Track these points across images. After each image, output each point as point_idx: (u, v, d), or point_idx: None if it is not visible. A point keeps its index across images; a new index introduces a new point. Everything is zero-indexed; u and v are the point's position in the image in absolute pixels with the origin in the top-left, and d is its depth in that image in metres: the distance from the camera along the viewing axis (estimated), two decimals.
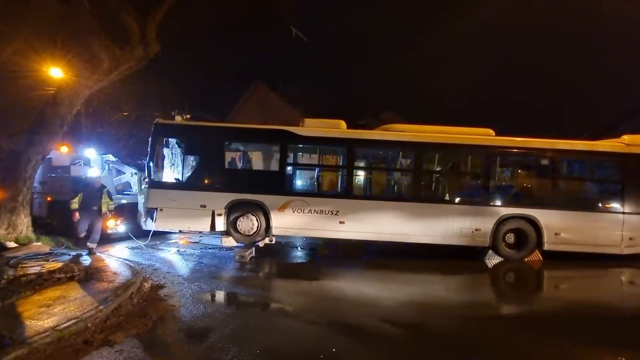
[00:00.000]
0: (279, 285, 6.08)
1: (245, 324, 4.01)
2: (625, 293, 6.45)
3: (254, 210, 7.62)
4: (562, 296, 6.21)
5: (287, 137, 7.80)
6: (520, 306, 5.47)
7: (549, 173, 8.03)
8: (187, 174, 7.89)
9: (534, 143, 7.89)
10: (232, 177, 8.23)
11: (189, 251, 7.78)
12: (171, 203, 7.51)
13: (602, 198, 7.90)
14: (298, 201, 7.61)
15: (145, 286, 5.05)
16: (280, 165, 7.88)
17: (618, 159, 7.81)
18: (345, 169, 8.12)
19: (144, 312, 4.20)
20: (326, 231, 7.72)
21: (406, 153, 8.44)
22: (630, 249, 7.54)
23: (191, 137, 7.93)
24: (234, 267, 6.56)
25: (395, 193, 8.84)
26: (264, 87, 20.53)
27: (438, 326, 4.27)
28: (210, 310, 4.36)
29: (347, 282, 6.06)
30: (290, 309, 4.63)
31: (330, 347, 3.48)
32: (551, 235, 7.48)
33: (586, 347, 3.64)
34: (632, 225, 7.53)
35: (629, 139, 7.88)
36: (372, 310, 4.60)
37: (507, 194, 8.01)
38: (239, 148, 9.19)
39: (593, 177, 8.53)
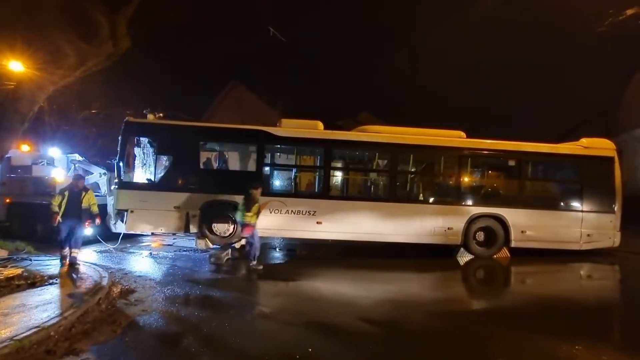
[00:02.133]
0: (256, 286, 6.01)
1: (221, 326, 3.94)
2: (584, 286, 6.88)
3: (230, 211, 7.50)
4: (527, 290, 6.54)
5: (264, 137, 7.74)
6: (489, 301, 5.73)
7: (515, 174, 8.45)
8: (159, 175, 7.64)
9: (502, 145, 8.28)
10: (208, 178, 8.06)
11: (161, 254, 7.54)
12: (143, 204, 7.25)
13: (564, 197, 8.40)
14: (275, 202, 7.56)
15: (114, 291, 4.85)
16: (257, 166, 7.81)
17: (577, 160, 8.34)
18: (322, 170, 8.17)
19: (112, 318, 4.03)
20: (304, 231, 7.72)
21: (382, 154, 8.61)
22: (588, 244, 8.07)
23: (164, 136, 7.69)
24: (209, 270, 6.43)
25: (372, 193, 8.99)
26: (241, 86, 20.27)
27: (412, 323, 4.38)
28: (183, 314, 4.25)
29: (324, 282, 6.09)
30: (267, 310, 4.59)
31: (306, 347, 3.49)
32: (518, 233, 7.87)
33: (548, 337, 3.85)
34: (589, 223, 8.06)
35: (587, 142, 8.43)
36: (348, 310, 4.65)
37: (478, 194, 8.35)
38: (215, 148, 9.02)
39: (555, 178, 9.07)
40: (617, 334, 4.63)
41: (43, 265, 5.77)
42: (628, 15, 9.65)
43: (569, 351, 3.54)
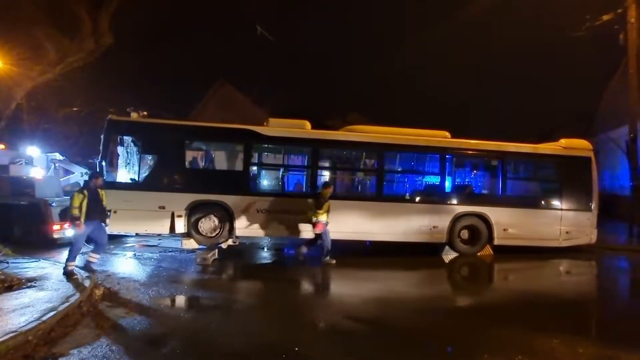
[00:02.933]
0: (243, 286, 5.98)
1: (207, 327, 3.91)
2: (563, 282, 7.11)
3: (217, 211, 7.43)
4: (509, 287, 6.71)
5: (252, 136, 7.70)
6: (473, 298, 5.86)
7: (498, 173, 8.66)
8: (144, 174, 7.50)
9: (485, 145, 8.47)
10: (194, 177, 7.97)
11: (146, 255, 7.40)
12: (126, 204, 7.10)
13: (544, 196, 8.66)
14: (262, 201, 7.53)
15: (96, 293, 4.74)
16: (244, 165, 7.76)
17: (556, 160, 8.62)
18: (310, 169, 8.18)
19: (94, 321, 3.94)
20: (291, 231, 7.70)
21: (368, 154, 8.69)
22: (567, 241, 8.35)
23: (149, 135, 7.55)
24: (196, 270, 6.35)
25: (359, 193, 9.05)
26: (228, 85, 20.06)
27: (398, 320, 4.45)
28: (168, 316, 4.20)
29: (311, 281, 6.12)
30: (254, 310, 4.58)
31: (293, 346, 3.50)
32: (500, 231, 8.07)
33: (527, 332, 3.98)
34: (568, 221, 8.34)
35: (566, 142, 8.72)
36: (335, 308, 4.69)
37: (462, 193, 8.52)
38: (201, 147, 8.92)
39: (536, 177, 9.32)
40: (593, 328, 4.81)
41: (21, 268, 5.58)
42: (604, 21, 10.04)
43: (546, 344, 3.67)
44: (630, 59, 9.81)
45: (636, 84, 9.81)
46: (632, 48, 9.71)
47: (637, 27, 9.61)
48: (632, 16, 9.62)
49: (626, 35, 9.76)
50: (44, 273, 5.35)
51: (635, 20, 9.61)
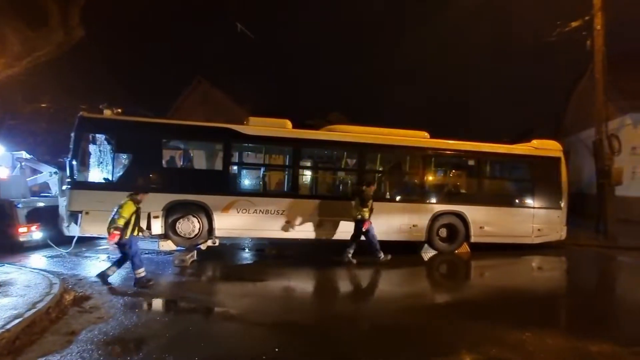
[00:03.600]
0: (223, 288, 5.88)
1: (185, 331, 3.81)
2: (535, 277, 7.41)
3: (195, 211, 7.26)
4: (485, 283, 6.93)
5: (231, 135, 7.57)
6: (450, 294, 6.01)
7: (474, 172, 8.92)
8: (118, 174, 7.22)
9: (462, 145, 8.70)
10: (171, 177, 7.74)
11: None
12: (99, 205, 6.80)
13: (517, 195, 8.99)
14: (243, 201, 7.43)
15: (66, 299, 4.52)
16: (224, 165, 7.62)
17: (529, 160, 8.97)
18: (291, 169, 8.14)
19: (65, 327, 3.76)
20: (272, 231, 7.65)
21: (349, 153, 8.74)
22: (539, 238, 8.72)
23: (123, 133, 7.27)
24: (174, 272, 6.19)
25: (340, 192, 9.08)
26: (207, 83, 19.65)
27: (379, 318, 4.50)
28: (144, 320, 4.06)
29: (293, 282, 6.08)
30: (234, 312, 4.50)
31: (273, 347, 3.47)
32: (477, 228, 8.31)
33: (501, 326, 4.11)
34: (540, 218, 8.70)
35: (538, 143, 9.09)
36: (317, 308, 4.70)
37: (440, 192, 8.71)
38: (179, 146, 8.70)
39: (510, 176, 9.67)
40: (562, 321, 5.04)
41: None
42: (573, 27, 10.53)
43: (518, 337, 3.81)
44: (596, 65, 10.33)
45: (602, 89, 10.34)
46: (598, 54, 10.22)
47: (603, 34, 10.13)
48: (598, 24, 10.13)
49: (593, 41, 10.27)
50: (8, 278, 5.05)
51: (600, 28, 10.12)
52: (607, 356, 3.47)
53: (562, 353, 3.56)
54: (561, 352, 3.57)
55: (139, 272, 5.26)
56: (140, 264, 5.30)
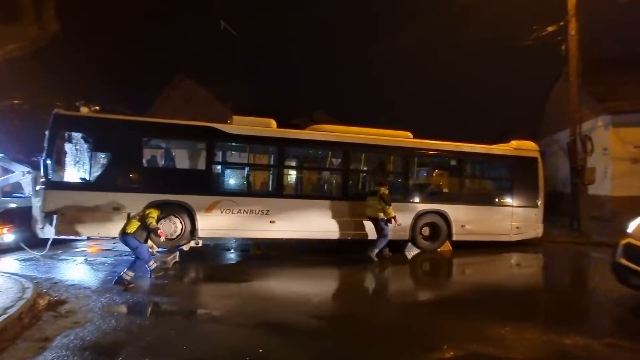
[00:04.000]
0: (206, 289, 5.79)
1: (166, 334, 3.72)
2: (514, 274, 7.64)
3: (178, 211, 7.12)
4: (466, 280, 7.10)
5: (214, 134, 7.46)
6: (433, 291, 6.12)
7: (456, 172, 9.13)
8: (96, 173, 6.98)
9: (444, 145, 8.89)
10: (152, 177, 7.55)
11: (99, 260, 6.93)
12: (75, 206, 6.59)
13: (497, 194, 9.25)
14: (226, 201, 7.33)
15: (40, 303, 4.34)
16: (207, 164, 7.51)
17: (508, 160, 9.25)
18: (275, 168, 8.11)
19: (38, 333, 3.61)
20: (257, 231, 7.59)
21: (333, 153, 8.77)
22: (517, 236, 9.01)
23: (101, 131, 7.04)
24: (155, 274, 6.03)
25: (325, 191, 9.11)
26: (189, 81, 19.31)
27: (363, 316, 4.53)
28: (123, 324, 3.94)
29: (277, 282, 6.05)
30: (217, 313, 4.44)
31: (257, 348, 3.43)
32: (458, 227, 8.51)
33: (482, 321, 4.22)
34: (518, 217, 8.99)
35: (516, 144, 9.39)
36: (301, 308, 4.66)
37: (423, 191, 8.87)
38: (160, 145, 8.49)
39: (490, 176, 9.94)
40: (539, 315, 5.21)
41: None
42: (549, 32, 10.92)
43: (498, 332, 3.92)
44: (570, 68, 10.75)
45: (576, 91, 10.78)
46: (573, 58, 10.64)
47: (577, 39, 10.55)
48: (572, 29, 10.54)
49: (567, 46, 10.68)
50: None
51: (575, 33, 10.53)
52: (580, 348, 3.62)
53: (539, 346, 3.69)
54: (538, 346, 3.70)
55: (129, 273, 5.25)
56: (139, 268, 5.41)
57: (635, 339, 3.87)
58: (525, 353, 3.51)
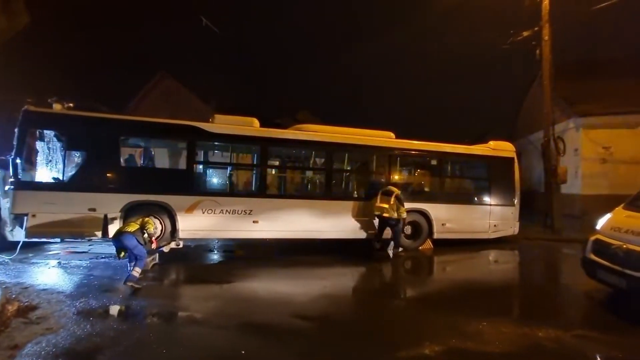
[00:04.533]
0: (187, 292, 5.67)
1: (144, 338, 3.63)
2: (492, 270, 7.89)
3: (157, 212, 6.94)
4: (447, 277, 7.28)
5: (195, 133, 7.32)
6: (415, 289, 6.24)
7: (436, 171, 9.33)
8: (70, 173, 6.72)
9: (425, 146, 9.07)
10: (131, 176, 7.33)
11: (74, 263, 6.65)
12: (48, 207, 6.31)
13: (476, 193, 9.53)
14: (208, 201, 7.21)
15: (9, 309, 4.13)
16: (188, 164, 7.36)
17: (486, 160, 9.54)
18: (258, 168, 8.04)
19: (6, 341, 3.43)
20: (239, 231, 7.51)
21: (317, 152, 8.79)
22: (495, 233, 9.31)
23: (76, 129, 6.77)
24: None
25: (308, 191, 9.11)
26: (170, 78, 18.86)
27: (346, 315, 4.57)
28: (99, 329, 3.81)
29: (260, 282, 6.00)
30: (199, 315, 4.36)
31: (239, 349, 3.40)
32: (439, 225, 8.70)
33: (460, 317, 4.33)
34: (496, 215, 9.30)
35: (494, 144, 9.70)
36: (284, 308, 4.65)
37: (405, 190, 9.00)
38: (139, 144, 8.26)
39: (469, 175, 10.22)
40: (515, 310, 5.41)
41: None
42: (524, 37, 11.34)
43: (476, 327, 4.05)
44: (544, 72, 11.20)
45: (549, 94, 11.23)
46: (546, 62, 11.09)
47: (550, 45, 11.00)
48: (545, 34, 10.98)
49: (541, 50, 11.12)
50: None
51: (548, 38, 10.98)
52: (551, 340, 3.78)
53: (514, 340, 3.82)
54: (513, 339, 3.83)
55: (137, 269, 5.27)
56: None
57: (603, 330, 4.08)
58: (502, 347, 3.63)
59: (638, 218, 4.62)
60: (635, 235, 4.38)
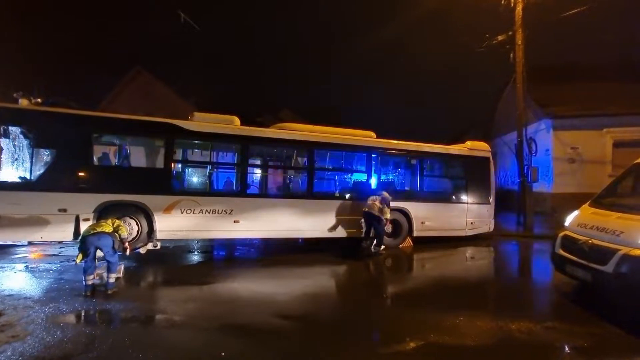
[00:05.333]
0: (165, 294, 5.52)
1: (119, 342, 3.50)
2: (468, 266, 8.12)
3: (133, 212, 6.72)
4: (427, 274, 7.43)
5: (173, 131, 7.13)
6: (394, 286, 6.34)
7: (416, 170, 9.53)
8: (38, 172, 6.39)
9: (406, 145, 9.23)
10: (104, 175, 7.06)
11: (43, 266, 6.34)
12: (14, 208, 5.98)
13: (453, 192, 9.80)
14: (187, 201, 7.05)
15: None
16: (166, 162, 7.16)
17: (463, 160, 9.82)
18: (238, 167, 7.93)
19: None
20: (220, 231, 7.40)
21: (298, 152, 8.77)
22: (472, 231, 9.61)
23: (44, 126, 6.44)
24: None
25: (289, 190, 9.09)
26: (146, 74, 18.26)
27: (327, 313, 4.58)
28: (70, 335, 3.65)
29: (241, 282, 5.93)
30: (177, 318, 4.25)
31: (219, 351, 3.35)
32: (419, 223, 8.89)
33: (439, 313, 4.46)
34: (472, 213, 9.60)
35: (470, 144, 10.00)
36: (265, 308, 4.62)
37: (386, 189, 9.12)
38: (113, 141, 7.97)
39: (447, 175, 10.50)
40: (491, 304, 5.60)
41: None
42: (499, 41, 11.75)
43: (453, 322, 4.17)
44: (517, 75, 11.64)
45: (522, 97, 11.69)
46: (519, 66, 11.53)
47: (523, 49, 11.45)
48: (519, 39, 11.42)
49: (515, 54, 11.55)
50: None
51: (521, 43, 11.42)
52: (524, 332, 3.95)
53: (489, 333, 3.97)
54: (488, 332, 3.98)
55: (112, 276, 5.05)
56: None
57: (570, 321, 4.30)
58: (477, 340, 3.76)
59: (602, 215, 4.89)
60: (600, 231, 4.63)
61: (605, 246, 4.38)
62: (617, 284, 4.15)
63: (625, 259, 4.09)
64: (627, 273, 4.04)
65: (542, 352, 3.58)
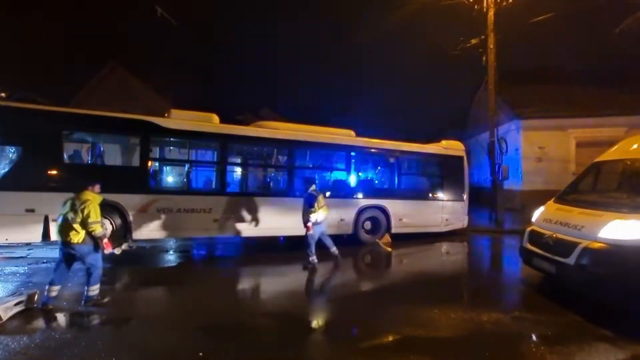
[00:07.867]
0: (140, 295, 5.38)
1: (91, 347, 3.41)
2: (444, 261, 8.41)
3: (107, 212, 6.50)
4: (404, 269, 7.62)
5: (149, 128, 6.96)
6: (373, 281, 6.48)
7: (394, 169, 9.74)
8: (3, 170, 6.08)
9: (384, 144, 9.42)
10: (75, 174, 6.74)
11: (9, 269, 6.05)
12: None
13: (430, 189, 10.10)
14: (164, 200, 6.91)
15: None
16: (142, 161, 6.98)
17: (438, 158, 10.13)
18: (218, 165, 7.84)
19: None
20: (199, 230, 7.29)
21: (278, 150, 8.76)
22: (447, 227, 9.95)
23: (10, 122, 6.12)
24: (79, 282, 5.43)
25: (269, 188, 9.07)
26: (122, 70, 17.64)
27: (306, 311, 4.64)
28: (39, 340, 3.52)
29: (219, 282, 5.88)
30: (153, 319, 4.19)
31: (197, 351, 3.33)
32: (397, 220, 9.11)
33: (415, 306, 4.61)
34: (448, 210, 9.93)
35: (446, 143, 10.34)
36: (244, 306, 4.63)
37: (365, 187, 9.31)
38: (86, 139, 7.67)
39: (423, 173, 10.79)
40: (463, 297, 5.83)
41: None
42: (473, 44, 12.17)
43: (428, 315, 4.33)
44: (489, 78, 12.12)
45: (493, 98, 12.19)
46: (491, 69, 12.01)
47: (495, 52, 11.92)
48: (490, 42, 11.88)
49: (487, 57, 12.01)
50: None
51: (493, 46, 11.89)
52: (493, 323, 4.16)
53: (461, 324, 4.15)
54: (461, 324, 4.16)
55: (94, 288, 4.50)
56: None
57: (536, 311, 4.56)
58: (450, 332, 3.93)
59: (566, 210, 5.20)
60: (563, 225, 4.93)
61: (568, 240, 4.66)
62: (579, 275, 4.42)
63: (585, 251, 4.37)
64: (587, 265, 4.32)
65: (510, 341, 3.78)
